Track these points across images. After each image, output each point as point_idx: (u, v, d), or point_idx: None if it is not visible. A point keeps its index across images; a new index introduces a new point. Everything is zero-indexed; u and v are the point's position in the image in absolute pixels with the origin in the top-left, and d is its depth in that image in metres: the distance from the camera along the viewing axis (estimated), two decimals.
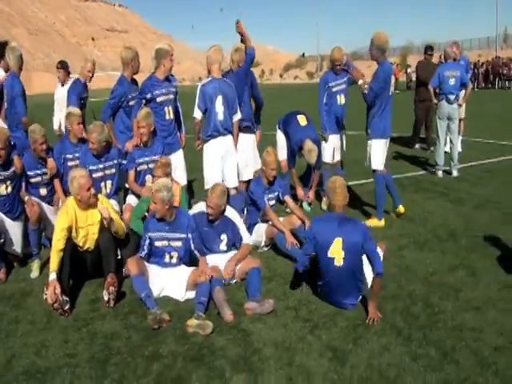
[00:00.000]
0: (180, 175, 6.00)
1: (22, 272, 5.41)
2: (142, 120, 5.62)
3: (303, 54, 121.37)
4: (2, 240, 5.29)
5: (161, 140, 5.90)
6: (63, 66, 8.13)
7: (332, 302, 4.30)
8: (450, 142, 8.97)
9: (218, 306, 4.18)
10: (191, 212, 5.11)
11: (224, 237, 5.01)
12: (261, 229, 5.61)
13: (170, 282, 4.63)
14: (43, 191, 5.85)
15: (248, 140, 6.45)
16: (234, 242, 5.09)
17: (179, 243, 4.71)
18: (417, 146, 11.86)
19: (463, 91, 8.94)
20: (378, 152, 6.26)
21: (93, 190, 4.81)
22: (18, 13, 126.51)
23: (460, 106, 8.76)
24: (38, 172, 5.74)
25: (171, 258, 4.75)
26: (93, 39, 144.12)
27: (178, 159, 6.05)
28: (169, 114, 6.03)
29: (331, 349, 3.65)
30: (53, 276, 4.40)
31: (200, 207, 5.12)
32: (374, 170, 6.31)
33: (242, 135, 6.32)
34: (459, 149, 9.40)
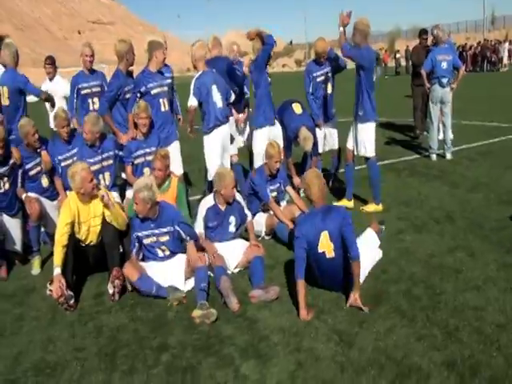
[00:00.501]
0: (176, 166, 6.01)
1: (23, 269, 5.42)
2: (142, 112, 5.62)
3: (291, 42, 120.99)
4: (2, 237, 5.29)
5: (156, 132, 5.91)
6: (52, 61, 8.15)
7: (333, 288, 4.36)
8: (443, 125, 9.01)
9: (224, 295, 4.21)
10: (200, 208, 5.09)
11: (232, 219, 5.07)
12: (261, 219, 5.65)
13: (168, 273, 4.65)
14: (45, 182, 5.79)
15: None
16: (241, 222, 5.17)
17: (167, 237, 4.71)
18: (418, 132, 11.29)
19: None
20: (372, 137, 6.28)
21: (95, 181, 4.83)
22: (4, 8, 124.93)
23: (453, 89, 8.80)
24: (37, 161, 5.69)
25: (163, 251, 4.78)
26: (79, 32, 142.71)
27: (174, 150, 6.05)
28: (164, 106, 6.04)
29: (338, 332, 3.70)
30: (57, 271, 4.41)
31: (207, 203, 5.08)
32: (368, 158, 6.33)
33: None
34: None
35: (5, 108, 6.29)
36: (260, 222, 5.62)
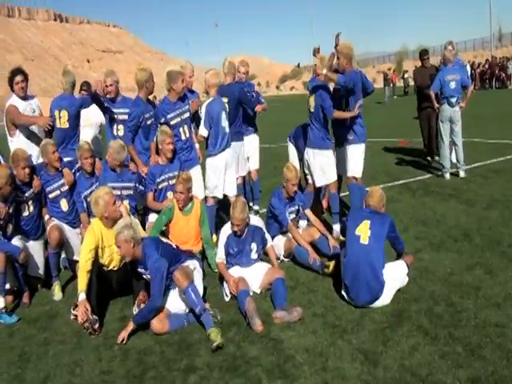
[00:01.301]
0: (198, 190, 6.15)
1: (44, 295, 5.49)
2: (168, 137, 5.81)
3: (298, 65, 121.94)
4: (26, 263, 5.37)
5: (178, 156, 6.06)
6: (88, 86, 8.30)
7: (354, 298, 4.43)
8: (455, 144, 8.99)
9: (249, 316, 4.25)
10: (221, 236, 5.15)
11: (254, 245, 5.11)
12: (279, 242, 5.71)
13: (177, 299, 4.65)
14: (64, 205, 5.84)
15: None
16: (262, 248, 5.22)
17: None
18: (429, 157, 10.81)
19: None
20: (362, 157, 6.33)
21: (118, 203, 4.95)
22: (14, 39, 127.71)
23: (462, 108, 8.84)
24: (56, 185, 5.79)
25: None
26: (88, 61, 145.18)
27: (195, 174, 6.18)
28: (184, 133, 6.18)
29: (362, 352, 3.74)
30: (82, 296, 4.48)
31: (228, 230, 5.13)
32: (355, 178, 6.33)
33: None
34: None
35: (62, 131, 6.43)
36: (279, 245, 5.67)
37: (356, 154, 6.29)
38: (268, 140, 14.37)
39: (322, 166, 6.35)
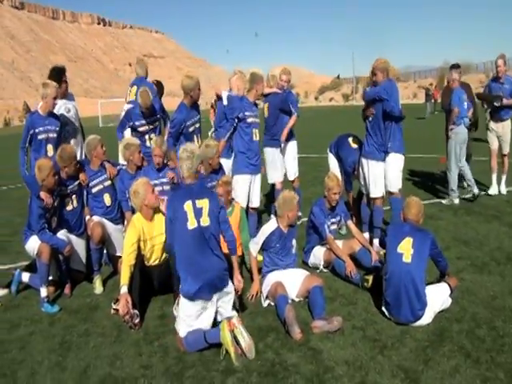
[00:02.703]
0: (255, 198, 6.34)
1: (86, 287, 5.63)
2: (218, 150, 5.90)
3: (338, 76, 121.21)
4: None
5: (220, 165, 6.13)
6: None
7: (396, 316, 4.39)
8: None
9: (288, 323, 4.25)
10: (262, 231, 5.14)
11: (294, 242, 5.17)
12: (319, 252, 5.72)
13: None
14: (107, 200, 5.97)
15: None
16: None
17: None
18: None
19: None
20: (401, 170, 6.28)
21: (156, 191, 5.13)
22: (58, 41, 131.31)
23: (470, 130, 8.42)
24: (99, 180, 5.94)
25: None
26: (130, 65, 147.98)
27: (258, 182, 6.36)
28: (255, 135, 6.28)
29: (403, 369, 3.70)
30: (124, 289, 4.56)
31: (270, 227, 5.13)
32: (392, 192, 6.25)
33: None
34: (504, 191, 9.06)
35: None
36: (318, 256, 5.69)
37: (399, 166, 6.24)
38: (307, 150, 14.37)
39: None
